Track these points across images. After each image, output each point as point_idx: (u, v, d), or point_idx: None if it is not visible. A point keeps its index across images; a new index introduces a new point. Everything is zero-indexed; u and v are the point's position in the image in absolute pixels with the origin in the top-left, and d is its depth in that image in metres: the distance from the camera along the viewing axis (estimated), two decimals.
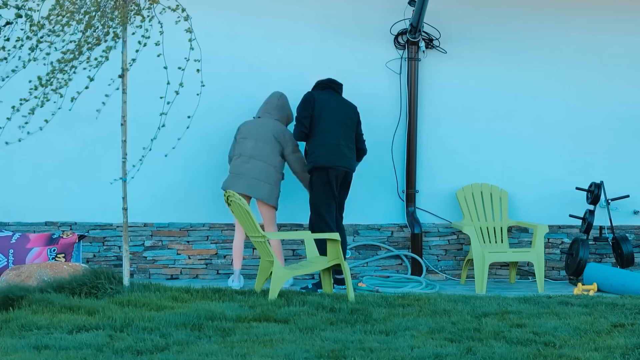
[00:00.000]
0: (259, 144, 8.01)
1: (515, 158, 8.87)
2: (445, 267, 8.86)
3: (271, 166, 8.01)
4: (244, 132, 8.11)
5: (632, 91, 8.90)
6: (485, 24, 8.84)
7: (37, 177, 8.40)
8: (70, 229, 8.51)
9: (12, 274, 6.87)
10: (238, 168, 8.00)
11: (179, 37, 6.44)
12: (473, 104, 8.84)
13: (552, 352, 5.13)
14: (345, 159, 7.96)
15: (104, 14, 6.40)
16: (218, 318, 5.86)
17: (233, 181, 7.96)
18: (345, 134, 8.04)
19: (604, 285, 8.02)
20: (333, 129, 7.98)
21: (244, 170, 7.97)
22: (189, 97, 6.78)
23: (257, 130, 8.08)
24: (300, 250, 8.61)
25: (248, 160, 7.97)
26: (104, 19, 6.40)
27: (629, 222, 8.93)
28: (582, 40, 8.88)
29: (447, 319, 6.05)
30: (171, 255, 8.62)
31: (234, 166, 8.05)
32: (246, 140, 8.06)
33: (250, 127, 8.13)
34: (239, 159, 8.02)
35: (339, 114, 8.07)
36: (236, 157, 8.05)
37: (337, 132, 7.99)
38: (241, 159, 8.01)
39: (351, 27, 8.74)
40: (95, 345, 5.12)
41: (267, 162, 7.99)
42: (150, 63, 6.72)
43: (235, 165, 8.03)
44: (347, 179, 8.02)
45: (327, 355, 5.04)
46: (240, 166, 7.99)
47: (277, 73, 8.66)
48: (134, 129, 6.98)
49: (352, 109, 8.19)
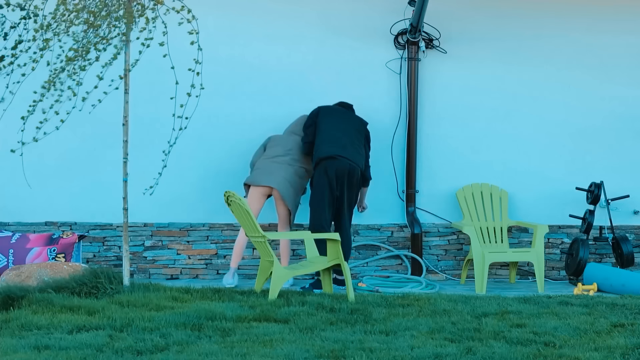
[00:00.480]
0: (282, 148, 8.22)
1: (515, 158, 8.87)
2: (445, 267, 8.86)
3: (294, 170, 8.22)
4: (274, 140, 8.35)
5: (632, 91, 8.90)
6: (485, 24, 8.84)
7: (37, 177, 8.40)
8: (70, 229, 8.51)
9: (12, 274, 6.87)
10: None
11: (179, 38, 6.45)
12: (473, 104, 8.84)
13: (552, 352, 5.13)
14: (348, 152, 7.91)
15: (108, 13, 6.40)
16: (218, 318, 5.86)
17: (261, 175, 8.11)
18: (351, 135, 8.04)
19: (604, 285, 8.02)
20: (337, 131, 8.02)
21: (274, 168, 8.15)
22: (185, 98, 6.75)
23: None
24: (300, 250, 8.61)
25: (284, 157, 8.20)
26: (108, 18, 6.40)
27: (629, 222, 8.93)
28: (582, 40, 8.88)
29: (447, 319, 6.05)
30: (171, 255, 8.63)
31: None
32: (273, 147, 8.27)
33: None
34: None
35: (345, 121, 8.13)
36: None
37: (341, 133, 8.02)
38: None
39: (351, 27, 8.74)
40: (95, 345, 5.12)
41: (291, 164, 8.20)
42: (149, 63, 6.73)
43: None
44: (351, 178, 7.92)
45: (327, 355, 5.04)
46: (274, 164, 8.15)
47: (278, 73, 8.66)
48: (134, 129, 6.98)
49: (360, 121, 8.24)
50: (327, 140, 7.97)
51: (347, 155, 7.89)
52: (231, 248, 8.41)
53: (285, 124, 8.50)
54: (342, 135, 8.02)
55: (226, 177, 8.46)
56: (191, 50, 6.47)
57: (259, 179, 8.00)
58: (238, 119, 8.56)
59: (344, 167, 7.85)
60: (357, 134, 8.14)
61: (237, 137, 8.57)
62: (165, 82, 6.73)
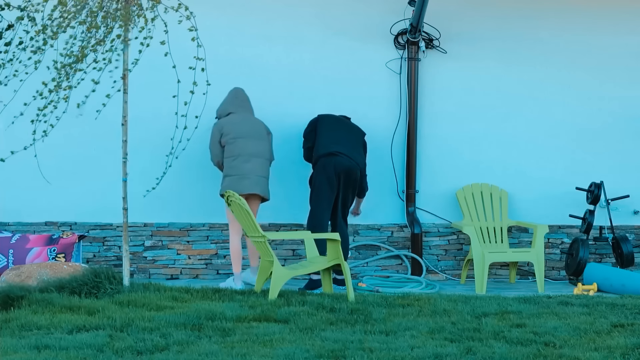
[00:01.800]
0: (255, 141, 7.93)
1: (515, 158, 8.86)
2: (445, 267, 8.86)
3: (268, 161, 8.01)
4: (233, 132, 7.95)
5: (632, 91, 8.90)
6: (485, 24, 8.84)
7: (37, 177, 8.39)
8: (70, 229, 8.51)
9: (12, 274, 6.87)
10: (240, 169, 7.92)
11: (179, 37, 6.45)
12: (473, 104, 8.84)
13: (552, 352, 5.13)
14: (347, 150, 7.92)
15: (106, 14, 6.40)
16: (218, 318, 5.86)
17: (239, 182, 7.85)
18: (351, 139, 8.07)
19: (604, 285, 8.02)
20: (336, 132, 8.04)
21: (247, 169, 7.90)
22: (185, 96, 6.76)
23: (247, 129, 7.97)
24: (300, 250, 8.61)
25: (249, 159, 7.92)
26: (106, 20, 6.39)
27: (629, 222, 8.93)
28: (582, 40, 8.88)
29: (447, 319, 6.05)
30: (171, 255, 8.62)
31: (234, 168, 7.92)
32: (240, 140, 7.92)
33: (237, 127, 7.96)
34: (237, 159, 7.96)
35: (344, 126, 8.19)
36: (233, 158, 7.96)
37: (340, 134, 8.05)
38: (240, 158, 7.95)
39: (351, 27, 8.74)
40: (96, 345, 5.12)
41: (265, 157, 7.96)
42: (149, 64, 6.72)
43: (235, 166, 7.95)
44: (350, 175, 7.88)
45: (327, 355, 5.04)
46: (242, 166, 7.93)
47: (277, 73, 8.66)
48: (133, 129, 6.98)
49: (359, 129, 8.26)
50: (326, 140, 7.99)
51: (346, 152, 7.90)
52: None
53: (285, 124, 8.51)
54: (342, 136, 8.04)
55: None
56: (191, 49, 6.47)
57: (239, 186, 7.79)
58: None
59: (343, 163, 7.86)
60: (356, 139, 8.16)
61: None
62: (163, 81, 6.75)
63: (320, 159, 7.91)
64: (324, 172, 7.84)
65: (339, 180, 7.86)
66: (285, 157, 8.56)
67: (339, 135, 8.06)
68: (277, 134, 8.37)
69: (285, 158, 8.56)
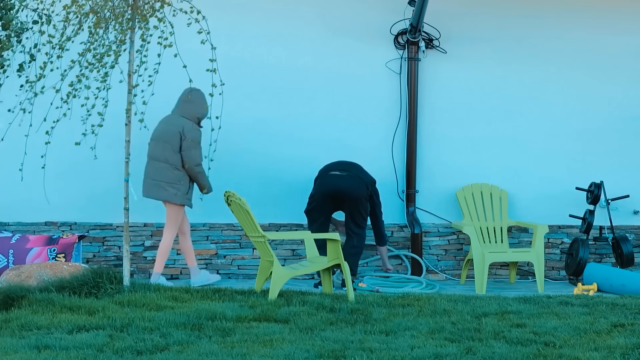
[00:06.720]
0: (159, 144, 7.76)
1: (515, 158, 8.86)
2: (445, 267, 8.86)
3: (170, 165, 7.72)
4: (151, 134, 7.82)
5: (632, 91, 8.90)
6: (485, 24, 8.85)
7: (37, 177, 8.38)
8: (70, 229, 8.51)
9: (12, 274, 6.87)
10: (145, 171, 7.81)
11: (179, 37, 6.45)
12: (473, 104, 8.84)
13: (552, 352, 5.13)
14: (345, 172, 8.03)
15: (117, 17, 6.42)
16: (218, 318, 5.86)
17: (143, 186, 7.80)
18: (352, 171, 8.10)
19: (604, 285, 8.02)
20: (338, 165, 8.15)
21: (146, 172, 7.79)
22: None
23: (158, 131, 7.81)
24: (300, 250, 8.61)
25: (149, 162, 7.79)
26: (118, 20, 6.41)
27: (629, 222, 8.93)
28: (582, 40, 8.88)
29: (447, 319, 6.05)
30: (171, 255, 8.61)
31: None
32: (151, 142, 7.82)
33: (155, 129, 7.82)
34: (147, 162, 7.85)
35: (346, 162, 8.24)
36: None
37: (340, 162, 8.20)
38: (148, 161, 7.83)
39: (351, 27, 8.74)
40: (96, 345, 5.13)
41: (166, 161, 7.72)
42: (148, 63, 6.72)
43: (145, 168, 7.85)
44: (346, 194, 7.95)
45: (327, 355, 5.05)
46: (146, 169, 7.80)
47: (277, 73, 8.66)
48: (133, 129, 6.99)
49: (368, 176, 8.22)
50: (327, 167, 8.16)
51: (343, 173, 8.03)
52: (232, 248, 8.43)
53: (284, 124, 8.52)
54: (343, 167, 8.13)
55: (226, 176, 8.46)
56: (192, 49, 6.48)
57: (144, 190, 7.77)
58: (237, 119, 8.55)
59: (338, 182, 7.99)
60: (357, 167, 8.19)
61: (236, 137, 8.56)
62: (165, 82, 6.75)
63: (319, 176, 8.12)
64: (319, 189, 8.04)
65: (335, 198, 7.99)
66: (285, 157, 8.57)
67: (339, 163, 8.22)
68: (277, 134, 8.37)
69: (284, 158, 8.57)
